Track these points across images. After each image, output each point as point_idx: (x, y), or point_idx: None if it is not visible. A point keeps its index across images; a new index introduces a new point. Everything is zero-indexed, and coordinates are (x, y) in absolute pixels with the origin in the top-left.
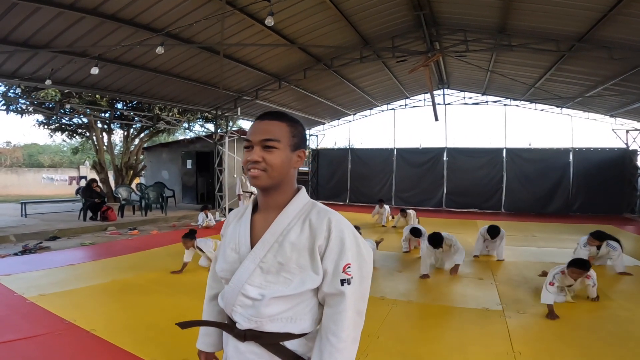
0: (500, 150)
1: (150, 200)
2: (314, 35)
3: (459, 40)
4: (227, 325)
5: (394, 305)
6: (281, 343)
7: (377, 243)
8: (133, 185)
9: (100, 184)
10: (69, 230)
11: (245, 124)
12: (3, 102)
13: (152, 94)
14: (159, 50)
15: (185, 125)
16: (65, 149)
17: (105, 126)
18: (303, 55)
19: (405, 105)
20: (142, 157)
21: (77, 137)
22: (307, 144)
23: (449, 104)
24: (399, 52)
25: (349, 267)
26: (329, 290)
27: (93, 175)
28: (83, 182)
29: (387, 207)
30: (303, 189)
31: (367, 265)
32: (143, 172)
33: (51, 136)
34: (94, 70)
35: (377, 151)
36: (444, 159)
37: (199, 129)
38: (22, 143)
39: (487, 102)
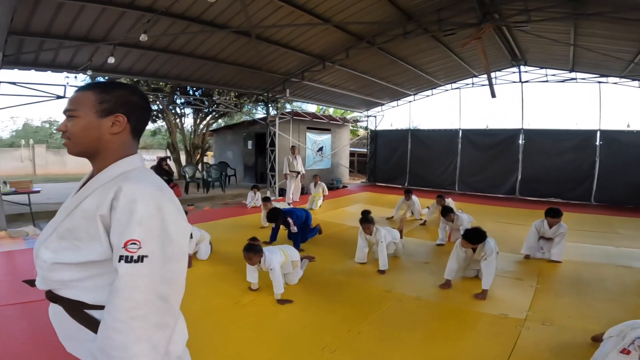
0: (592, 132)
1: (212, 179)
2: (349, 13)
3: (517, 9)
4: None
5: (397, 300)
6: (86, 311)
7: (400, 232)
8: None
9: (170, 162)
10: None
11: (306, 107)
12: None
13: (205, 80)
14: (143, 37)
15: (245, 108)
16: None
17: (179, 110)
18: (342, 34)
19: (473, 84)
20: (210, 138)
21: (157, 121)
22: (133, 105)
23: (526, 81)
24: (447, 26)
25: (134, 243)
26: (114, 266)
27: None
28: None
29: (416, 198)
30: (130, 159)
31: (173, 244)
32: (207, 152)
33: None
34: (110, 60)
35: (440, 132)
36: (520, 141)
37: (258, 110)
38: None
39: (575, 79)
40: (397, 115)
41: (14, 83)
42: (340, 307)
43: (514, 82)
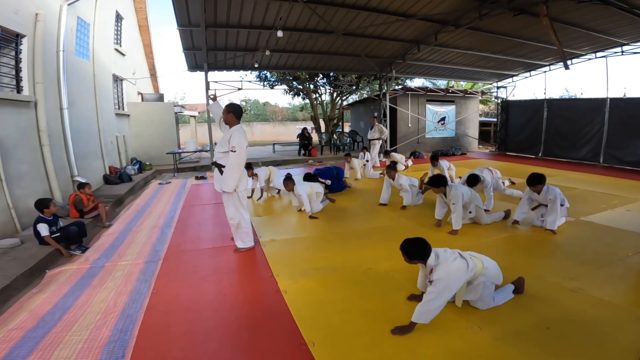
0: None
1: (340, 143)
2: (420, 6)
3: None
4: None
5: (379, 227)
6: (222, 168)
7: (421, 181)
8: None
9: (310, 131)
10: (288, 160)
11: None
12: (259, 81)
13: (327, 67)
14: (279, 33)
15: (364, 85)
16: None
17: (321, 90)
18: (423, 23)
19: (622, 52)
20: (345, 112)
21: (306, 98)
22: (235, 110)
23: None
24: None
25: (233, 146)
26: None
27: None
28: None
29: (445, 163)
30: (236, 125)
31: (241, 147)
32: (339, 123)
33: (293, 98)
34: (267, 52)
35: (583, 102)
36: None
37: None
38: (297, 104)
39: None
40: (522, 87)
41: (216, 81)
42: (343, 225)
43: None
